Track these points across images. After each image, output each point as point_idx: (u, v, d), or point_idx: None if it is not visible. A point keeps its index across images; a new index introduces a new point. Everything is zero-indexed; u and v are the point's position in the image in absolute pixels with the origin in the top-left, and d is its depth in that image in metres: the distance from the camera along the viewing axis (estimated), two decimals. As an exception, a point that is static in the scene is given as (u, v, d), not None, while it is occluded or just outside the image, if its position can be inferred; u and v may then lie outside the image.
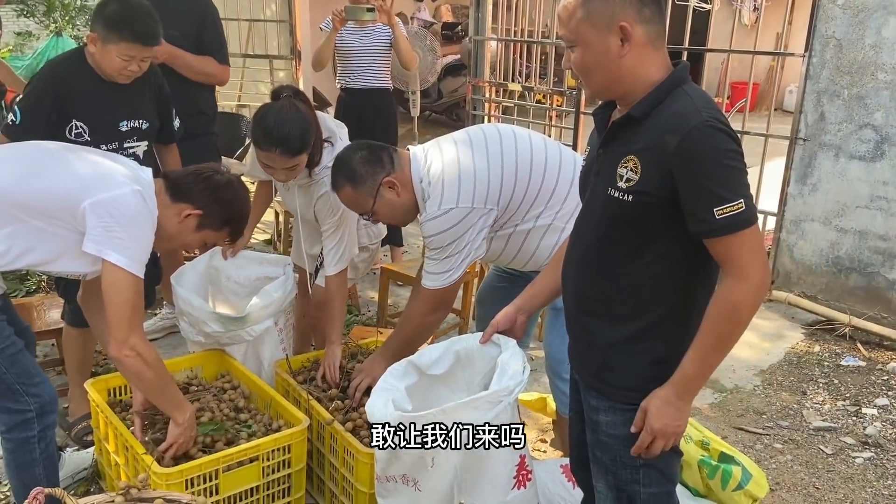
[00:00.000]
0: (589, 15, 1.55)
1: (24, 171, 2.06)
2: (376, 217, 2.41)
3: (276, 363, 2.82)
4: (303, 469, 2.45)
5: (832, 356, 3.90)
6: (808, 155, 4.24)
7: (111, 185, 2.03)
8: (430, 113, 10.20)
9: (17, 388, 2.11)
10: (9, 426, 2.15)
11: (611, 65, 1.57)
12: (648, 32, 1.56)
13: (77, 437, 2.87)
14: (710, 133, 1.49)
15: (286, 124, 2.48)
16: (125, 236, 2.00)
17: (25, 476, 2.17)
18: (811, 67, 4.13)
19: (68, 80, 2.65)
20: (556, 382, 2.59)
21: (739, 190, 1.49)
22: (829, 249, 4.26)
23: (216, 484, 2.24)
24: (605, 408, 1.73)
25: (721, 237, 1.50)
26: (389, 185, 2.32)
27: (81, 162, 2.12)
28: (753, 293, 1.53)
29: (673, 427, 1.63)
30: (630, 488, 1.75)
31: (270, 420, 2.54)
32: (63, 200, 2.01)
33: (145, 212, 2.07)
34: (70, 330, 2.89)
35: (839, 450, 3.10)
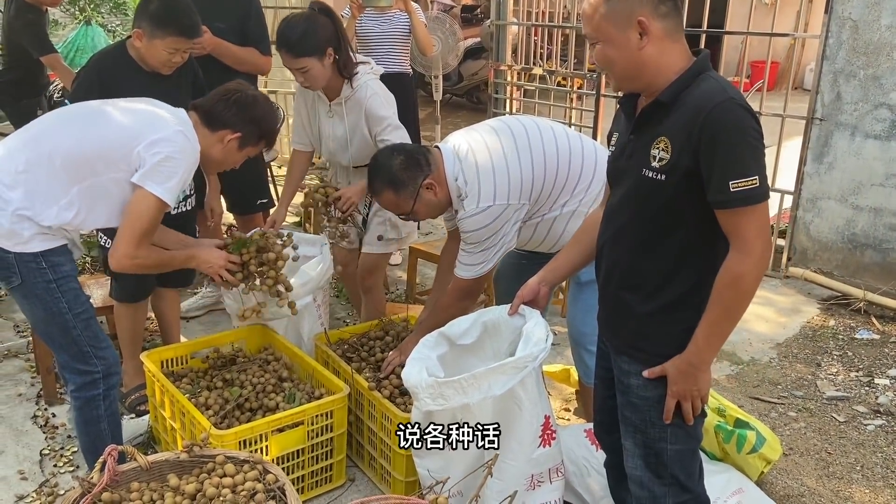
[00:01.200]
0: (610, 12, 1.69)
1: (78, 134, 2.27)
2: (414, 216, 2.57)
3: (316, 336, 3.00)
4: (344, 433, 2.63)
5: (847, 330, 4.02)
6: (824, 134, 4.33)
7: (158, 128, 2.26)
8: (450, 96, 10.30)
9: (88, 351, 2.32)
10: (78, 385, 2.36)
11: (632, 57, 1.70)
12: (666, 27, 1.69)
13: (131, 407, 3.07)
14: (735, 108, 1.62)
15: (290, 27, 2.84)
16: (168, 172, 2.23)
17: (92, 431, 2.39)
18: (828, 48, 4.21)
19: (113, 70, 2.82)
20: (581, 353, 2.74)
21: (756, 167, 1.60)
22: (845, 226, 4.36)
23: (266, 445, 2.43)
24: (637, 371, 1.84)
25: (733, 209, 1.62)
26: (428, 186, 2.45)
27: (127, 112, 2.33)
28: (755, 266, 1.65)
29: (693, 391, 1.78)
30: (658, 446, 1.89)
31: (312, 389, 2.73)
32: (120, 149, 2.23)
33: (188, 147, 2.29)
34: (119, 306, 3.08)
35: (851, 417, 3.23)
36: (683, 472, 1.92)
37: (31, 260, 2.21)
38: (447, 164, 2.48)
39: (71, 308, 2.27)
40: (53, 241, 2.25)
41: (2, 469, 2.70)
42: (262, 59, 3.66)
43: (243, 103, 2.43)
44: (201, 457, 2.06)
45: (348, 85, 2.96)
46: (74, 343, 2.30)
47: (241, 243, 2.64)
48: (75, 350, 2.31)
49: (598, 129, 5.33)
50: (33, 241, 2.20)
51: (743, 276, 1.65)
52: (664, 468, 1.91)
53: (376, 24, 4.42)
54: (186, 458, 2.06)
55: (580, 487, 2.54)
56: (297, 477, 2.56)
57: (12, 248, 2.18)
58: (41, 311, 2.27)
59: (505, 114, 6.03)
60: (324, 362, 2.87)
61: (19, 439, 2.88)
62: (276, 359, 2.92)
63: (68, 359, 2.34)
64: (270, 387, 2.71)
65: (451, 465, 2.18)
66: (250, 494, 1.89)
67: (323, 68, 2.87)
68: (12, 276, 2.22)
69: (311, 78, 2.89)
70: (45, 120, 2.41)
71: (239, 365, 2.86)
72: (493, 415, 2.10)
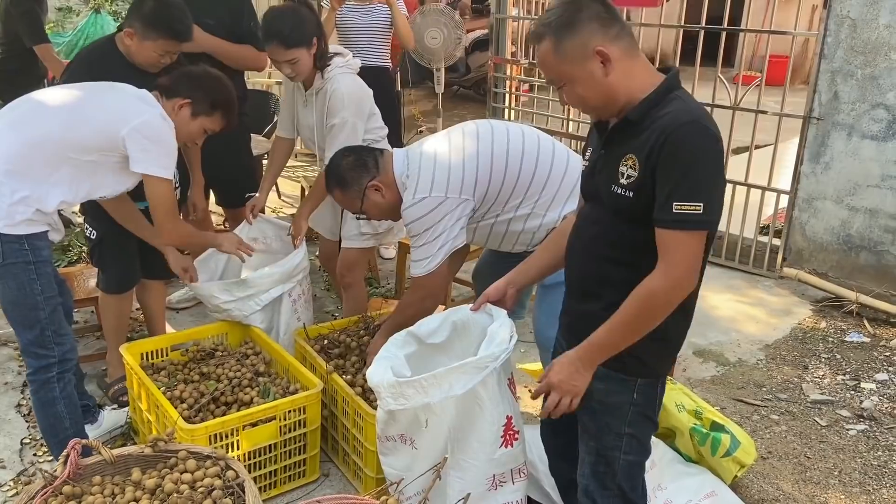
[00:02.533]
0: (565, 55, 1.67)
1: (65, 119, 2.41)
2: (367, 215, 2.63)
3: (296, 332, 3.02)
4: (317, 429, 2.65)
5: (837, 332, 3.98)
6: (821, 134, 4.28)
7: (137, 112, 2.43)
8: (458, 88, 10.27)
9: (49, 336, 2.42)
10: (34, 369, 2.46)
11: (601, 88, 1.68)
12: (622, 47, 1.68)
13: (114, 397, 3.11)
14: (697, 132, 1.60)
15: (281, 19, 2.91)
16: (157, 151, 2.44)
17: (50, 413, 2.47)
18: (826, 47, 4.16)
19: (102, 64, 2.84)
20: (546, 356, 2.73)
21: (705, 194, 1.58)
22: (840, 227, 4.32)
23: (237, 440, 2.46)
24: (600, 376, 1.80)
25: (669, 229, 1.61)
26: (374, 188, 2.53)
27: (106, 98, 2.50)
28: (671, 289, 1.65)
29: (568, 384, 1.77)
30: (611, 454, 1.88)
31: (288, 383, 2.75)
32: (105, 133, 2.41)
33: (166, 126, 2.48)
34: (105, 297, 3.12)
35: (834, 422, 3.21)
36: (629, 483, 1.92)
37: (14, 241, 2.33)
38: (396, 166, 2.54)
39: (43, 291, 2.39)
40: (38, 226, 2.38)
41: (-19, 457, 2.75)
42: (260, 56, 3.62)
43: (193, 74, 2.65)
44: (165, 452, 2.08)
45: (320, 76, 3.02)
46: (39, 324, 2.40)
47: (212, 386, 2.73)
48: (38, 333, 2.41)
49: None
50: (21, 225, 2.33)
51: (656, 294, 1.66)
52: (612, 478, 1.90)
53: (356, 15, 4.36)
54: (151, 452, 2.08)
55: (549, 487, 2.54)
56: (269, 471, 2.58)
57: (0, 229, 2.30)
58: (14, 290, 2.37)
59: (505, 108, 6.01)
60: (302, 358, 2.89)
61: (1, 427, 2.92)
62: (256, 353, 2.95)
63: (29, 342, 2.43)
64: (246, 381, 2.74)
65: (415, 464, 2.19)
66: (208, 491, 1.91)
67: (309, 58, 2.94)
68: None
69: (300, 68, 2.95)
70: (29, 103, 2.48)
71: (217, 359, 2.89)
72: (454, 414, 2.10)
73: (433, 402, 2.06)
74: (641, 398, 1.83)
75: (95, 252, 3.06)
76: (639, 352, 1.79)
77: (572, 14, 1.65)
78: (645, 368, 1.81)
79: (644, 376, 1.82)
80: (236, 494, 1.95)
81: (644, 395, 1.83)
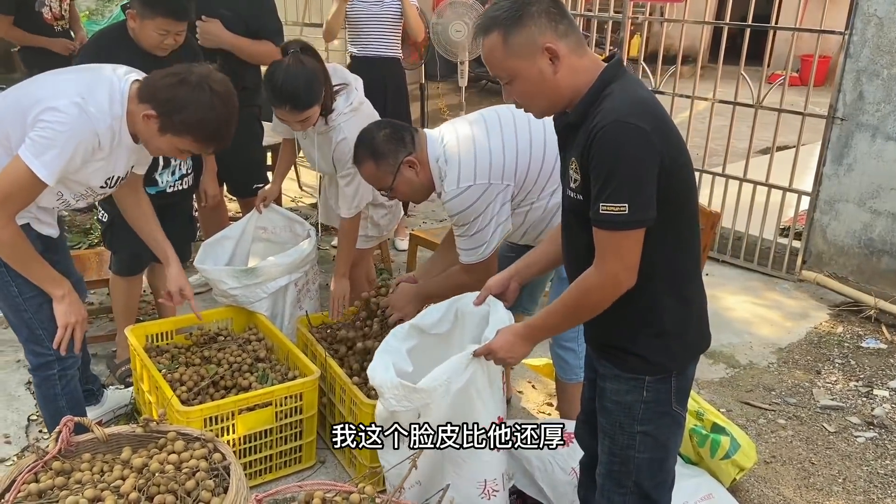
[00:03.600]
0: (513, 49, 1.65)
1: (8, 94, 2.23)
2: (394, 193, 2.52)
3: (299, 319, 3.05)
4: (314, 416, 2.67)
5: (854, 337, 3.90)
6: (844, 134, 4.19)
7: (57, 96, 2.09)
8: (486, 82, 10.23)
9: (41, 334, 2.35)
10: (35, 365, 2.43)
11: (549, 84, 1.67)
12: (570, 44, 1.66)
13: (120, 378, 3.16)
14: (619, 130, 1.57)
15: (292, 81, 2.71)
16: (46, 143, 2.05)
17: (51, 407, 2.46)
18: (851, 46, 4.06)
19: (111, 49, 2.85)
20: (556, 350, 2.72)
21: (627, 195, 1.57)
22: (862, 231, 4.22)
23: (233, 424, 2.48)
24: (611, 376, 1.83)
25: (598, 229, 1.64)
26: (410, 164, 2.43)
27: (51, 78, 2.22)
28: (602, 287, 1.68)
29: (506, 353, 1.94)
30: (625, 453, 1.87)
31: (287, 370, 2.77)
32: (22, 114, 2.10)
33: (80, 121, 2.07)
34: (115, 279, 3.17)
35: (842, 428, 3.15)
36: (650, 481, 1.89)
37: None
38: (430, 147, 2.46)
39: (21, 292, 2.29)
40: None
41: (-12, 432, 2.82)
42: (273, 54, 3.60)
43: (173, 82, 2.13)
44: (156, 432, 2.11)
45: (323, 121, 2.92)
46: (26, 325, 2.34)
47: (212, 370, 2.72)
48: (28, 332, 2.35)
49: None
50: None
51: (589, 290, 1.71)
52: (628, 476, 1.89)
53: (367, 6, 4.36)
54: (142, 432, 2.11)
55: (543, 483, 2.53)
56: (265, 455, 2.61)
57: None
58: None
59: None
60: (304, 345, 2.91)
61: (10, 404, 2.99)
62: (258, 339, 2.97)
63: (23, 339, 2.40)
64: (246, 366, 2.77)
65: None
66: (192, 471, 1.93)
67: (318, 110, 2.85)
68: None
69: (311, 122, 2.86)
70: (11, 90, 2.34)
71: (220, 343, 2.92)
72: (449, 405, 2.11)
73: (433, 402, 2.08)
74: (653, 395, 1.81)
75: (107, 234, 3.10)
76: (640, 350, 1.78)
77: (522, 8, 1.63)
78: (651, 366, 1.79)
79: (652, 374, 1.79)
80: (221, 476, 1.97)
81: (656, 391, 1.81)
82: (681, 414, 1.88)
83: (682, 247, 1.77)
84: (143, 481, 1.89)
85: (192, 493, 1.88)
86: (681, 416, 1.88)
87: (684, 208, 1.72)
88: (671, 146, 1.62)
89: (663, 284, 1.75)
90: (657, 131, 1.59)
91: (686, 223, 1.75)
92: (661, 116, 1.65)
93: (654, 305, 1.76)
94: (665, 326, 1.77)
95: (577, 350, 2.64)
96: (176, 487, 1.88)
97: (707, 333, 1.90)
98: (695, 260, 1.83)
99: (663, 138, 1.60)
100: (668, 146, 1.61)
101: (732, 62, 4.67)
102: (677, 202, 1.67)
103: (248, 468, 2.57)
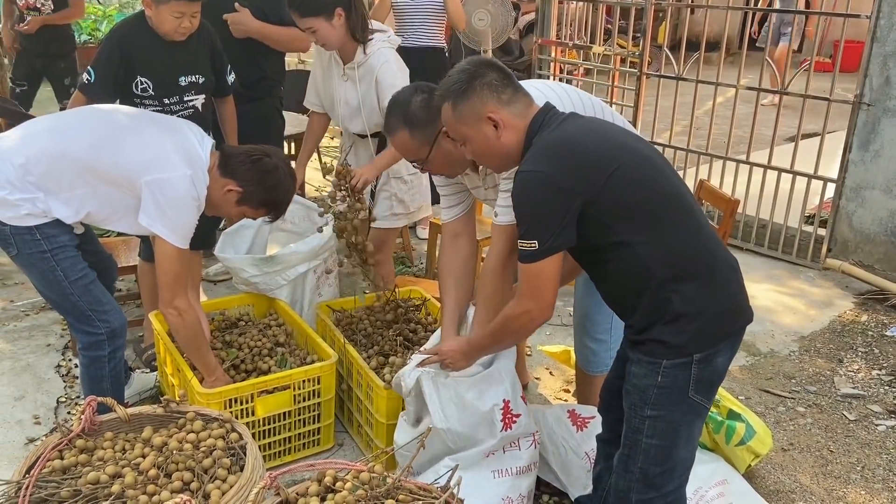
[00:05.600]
0: (461, 117, 1.88)
1: (96, 142, 2.36)
2: (428, 166, 2.27)
3: (318, 305, 3.10)
4: (331, 399, 2.72)
5: (878, 326, 3.85)
6: (871, 120, 4.12)
7: (167, 167, 2.32)
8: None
9: (90, 315, 2.46)
10: (85, 345, 2.52)
11: (495, 147, 1.90)
12: (513, 111, 1.88)
13: (146, 361, 3.24)
14: (523, 180, 1.80)
15: None
16: (173, 215, 2.32)
17: (96, 388, 2.54)
18: (878, 29, 3.99)
19: (131, 39, 2.93)
20: (584, 340, 2.68)
21: (535, 232, 1.79)
22: (889, 218, 4.15)
23: (252, 406, 2.54)
24: (635, 360, 1.89)
25: (520, 262, 1.85)
26: (447, 135, 2.10)
27: (146, 138, 2.39)
28: (518, 318, 1.92)
29: (452, 360, 2.22)
30: (634, 437, 1.91)
31: (306, 354, 2.82)
32: (126, 172, 2.33)
33: (191, 195, 2.34)
34: (143, 264, 3.23)
35: (863, 417, 3.12)
36: (657, 468, 1.91)
37: (25, 232, 2.33)
38: None
39: (67, 276, 2.39)
40: (47, 219, 2.36)
41: (19, 412, 2.91)
42: (303, 37, 3.43)
43: (261, 166, 2.42)
44: (176, 412, 2.18)
45: (361, 50, 2.98)
46: (75, 307, 2.44)
47: (233, 354, 2.79)
48: (78, 313, 2.46)
49: (640, 107, 5.21)
50: (28, 218, 2.32)
51: (509, 320, 1.95)
52: (634, 461, 1.92)
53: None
54: (163, 412, 2.18)
55: (557, 467, 2.55)
56: (283, 438, 2.66)
57: (8, 221, 2.31)
58: (39, 279, 2.43)
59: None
60: (323, 332, 2.96)
61: (40, 386, 3.09)
62: (279, 325, 3.03)
63: (73, 321, 2.50)
64: (266, 350, 2.82)
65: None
66: (209, 450, 1.99)
67: (332, 28, 2.90)
68: (9, 247, 2.37)
69: (321, 38, 2.93)
70: (75, 114, 2.56)
71: (241, 328, 2.98)
72: None
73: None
74: (669, 381, 1.83)
75: None
76: (658, 335, 1.82)
77: (468, 81, 1.86)
78: (669, 349, 1.81)
79: (670, 357, 1.81)
80: (238, 455, 2.03)
81: (671, 376, 1.83)
82: (701, 404, 1.87)
83: (675, 234, 1.81)
84: (163, 459, 1.96)
85: (209, 470, 1.95)
86: (700, 407, 1.88)
87: (650, 203, 1.80)
88: (588, 168, 1.78)
89: (665, 277, 1.79)
90: (560, 168, 1.77)
91: (665, 212, 1.80)
92: (570, 149, 1.81)
93: (661, 298, 1.80)
94: (678, 310, 1.79)
95: (608, 341, 2.61)
96: (193, 465, 1.94)
97: (739, 311, 1.88)
98: (700, 239, 1.84)
99: (571, 170, 1.77)
100: (583, 171, 1.77)
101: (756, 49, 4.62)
102: (633, 203, 1.78)
103: (268, 449, 2.63)
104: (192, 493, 1.89)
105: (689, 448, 1.95)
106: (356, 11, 2.95)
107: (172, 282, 2.37)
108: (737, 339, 1.90)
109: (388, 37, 3.09)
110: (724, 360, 1.88)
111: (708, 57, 5.14)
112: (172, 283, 2.37)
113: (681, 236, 1.82)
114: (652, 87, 5.20)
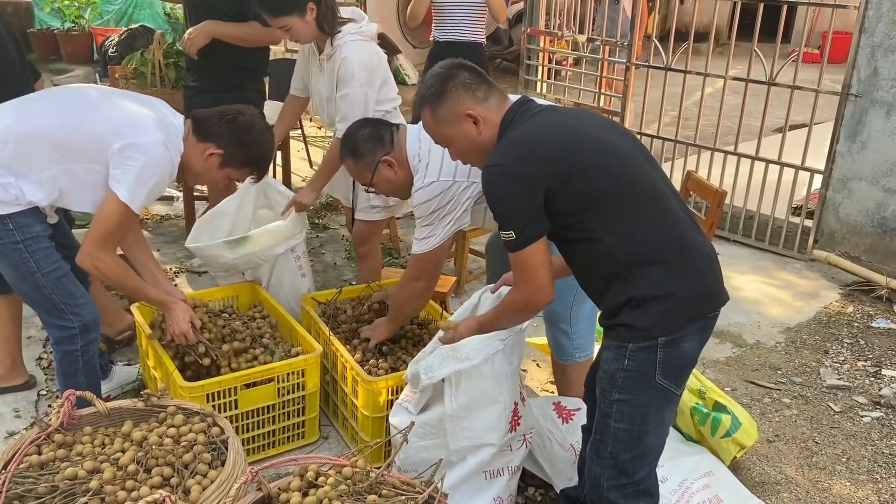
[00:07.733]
0: (440, 119, 1.95)
1: (65, 118, 2.31)
2: (376, 189, 2.64)
3: (302, 298, 3.07)
4: (316, 392, 2.70)
5: (864, 317, 3.86)
6: (859, 111, 4.12)
7: (140, 132, 2.27)
8: (500, 61, 10.17)
9: (62, 307, 2.40)
10: (57, 339, 2.46)
11: (477, 143, 1.95)
12: (490, 106, 1.93)
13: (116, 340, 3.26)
14: (491, 175, 1.84)
15: None
16: (138, 177, 2.24)
17: (70, 383, 2.49)
18: (866, 20, 3.98)
19: None
20: (553, 332, 2.70)
21: (510, 223, 1.84)
22: (876, 210, 4.16)
23: (235, 399, 2.52)
24: (606, 345, 1.92)
25: (508, 252, 1.89)
26: (387, 163, 2.54)
27: (115, 108, 2.34)
28: (517, 302, 1.97)
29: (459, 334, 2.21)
30: (604, 421, 1.92)
31: (291, 346, 2.79)
32: (97, 141, 2.26)
33: (164, 159, 2.29)
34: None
35: (848, 408, 3.13)
36: (626, 453, 1.91)
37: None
38: (409, 144, 2.55)
39: (40, 267, 2.33)
40: (20, 206, 2.29)
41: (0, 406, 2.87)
42: (269, 31, 3.32)
43: (237, 125, 2.42)
44: (157, 406, 2.15)
45: (330, 42, 2.96)
46: (48, 300, 2.38)
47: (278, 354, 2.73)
48: (50, 306, 2.40)
49: (628, 98, 5.20)
50: (1, 206, 2.25)
51: (511, 305, 2.03)
52: (604, 446, 1.93)
53: None
54: (143, 406, 2.15)
55: (542, 458, 2.54)
56: (267, 431, 2.64)
57: None
58: (11, 270, 2.36)
59: (537, 80, 5.93)
60: (308, 324, 2.93)
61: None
62: (263, 316, 3.00)
63: (45, 314, 2.44)
64: (250, 342, 2.79)
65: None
66: (190, 445, 1.96)
67: (306, 24, 2.88)
68: None
69: (296, 35, 2.93)
70: (44, 95, 2.50)
71: (224, 320, 2.94)
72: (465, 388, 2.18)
73: None
74: (635, 364, 1.84)
75: None
76: (625, 319, 1.83)
77: (441, 84, 1.92)
78: (635, 333, 1.82)
79: (636, 340, 1.82)
80: (219, 450, 2.00)
81: (639, 361, 1.83)
82: (669, 389, 1.87)
83: (640, 222, 1.81)
84: (143, 454, 1.93)
85: (189, 465, 1.92)
86: (668, 391, 1.87)
87: (614, 192, 1.81)
88: (549, 159, 1.81)
89: (630, 263, 1.80)
90: (522, 160, 1.81)
91: (631, 201, 1.82)
92: (532, 142, 1.84)
93: (628, 283, 1.81)
94: (644, 294, 1.80)
95: (569, 332, 2.64)
96: (174, 460, 1.91)
97: (707, 295, 1.86)
98: (668, 225, 1.84)
99: (532, 162, 1.81)
100: (544, 162, 1.81)
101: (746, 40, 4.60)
102: (596, 192, 1.80)
103: (251, 443, 2.61)
104: (171, 488, 1.87)
105: (660, 434, 1.96)
106: (325, 3, 2.90)
107: (103, 238, 2.27)
108: (706, 325, 1.89)
109: (360, 27, 3.01)
110: (693, 345, 1.87)
111: (697, 48, 5.12)
112: (103, 239, 2.27)
113: (647, 223, 1.82)
114: (640, 78, 5.19)
